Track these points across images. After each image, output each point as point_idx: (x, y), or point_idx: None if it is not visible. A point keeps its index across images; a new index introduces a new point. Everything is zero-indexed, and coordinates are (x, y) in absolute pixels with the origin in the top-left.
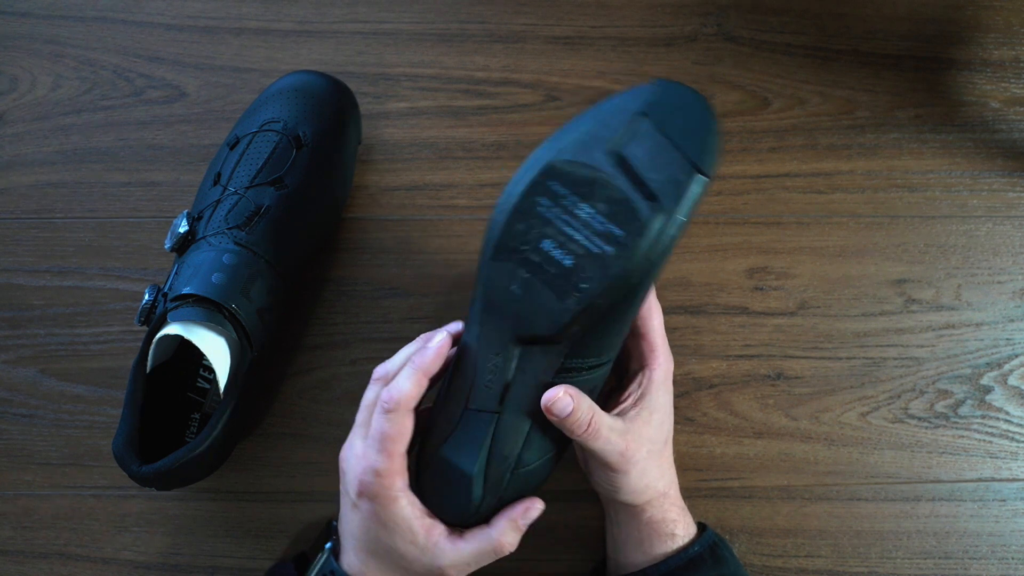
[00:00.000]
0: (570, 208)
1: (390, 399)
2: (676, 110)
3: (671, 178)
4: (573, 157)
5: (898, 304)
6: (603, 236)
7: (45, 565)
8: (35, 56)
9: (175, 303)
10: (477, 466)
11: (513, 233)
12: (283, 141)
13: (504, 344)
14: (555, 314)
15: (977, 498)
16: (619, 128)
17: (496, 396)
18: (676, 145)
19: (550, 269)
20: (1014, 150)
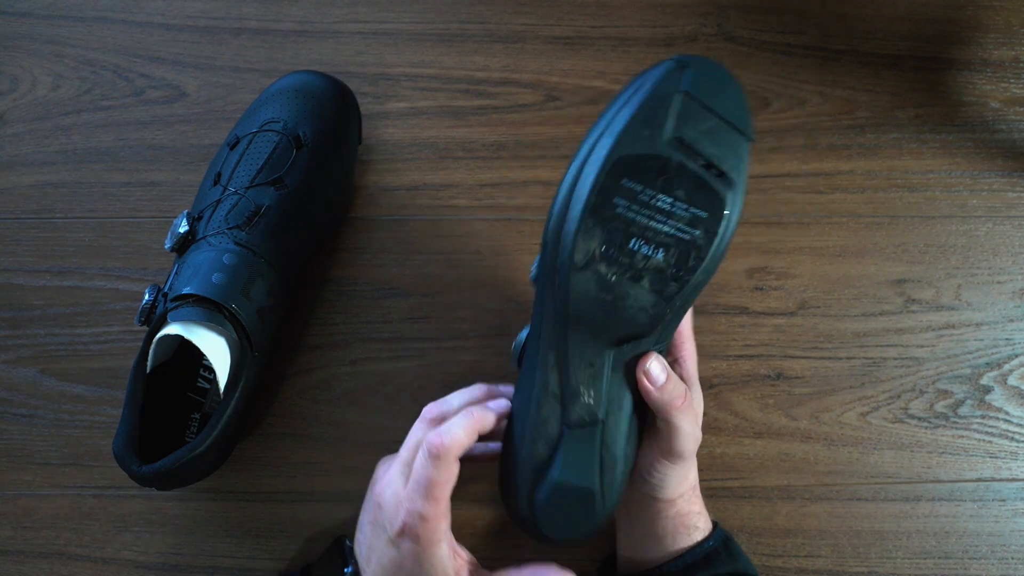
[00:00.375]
0: (650, 201)
1: (440, 445)
2: (707, 83)
3: (730, 149)
4: (636, 150)
5: (898, 304)
6: (688, 222)
7: (45, 565)
8: (35, 56)
9: (175, 303)
10: (596, 480)
11: (594, 240)
12: (283, 141)
13: (597, 353)
14: (655, 309)
15: (977, 498)
16: (668, 112)
17: (597, 406)
18: (721, 117)
19: (643, 266)
20: (1014, 150)
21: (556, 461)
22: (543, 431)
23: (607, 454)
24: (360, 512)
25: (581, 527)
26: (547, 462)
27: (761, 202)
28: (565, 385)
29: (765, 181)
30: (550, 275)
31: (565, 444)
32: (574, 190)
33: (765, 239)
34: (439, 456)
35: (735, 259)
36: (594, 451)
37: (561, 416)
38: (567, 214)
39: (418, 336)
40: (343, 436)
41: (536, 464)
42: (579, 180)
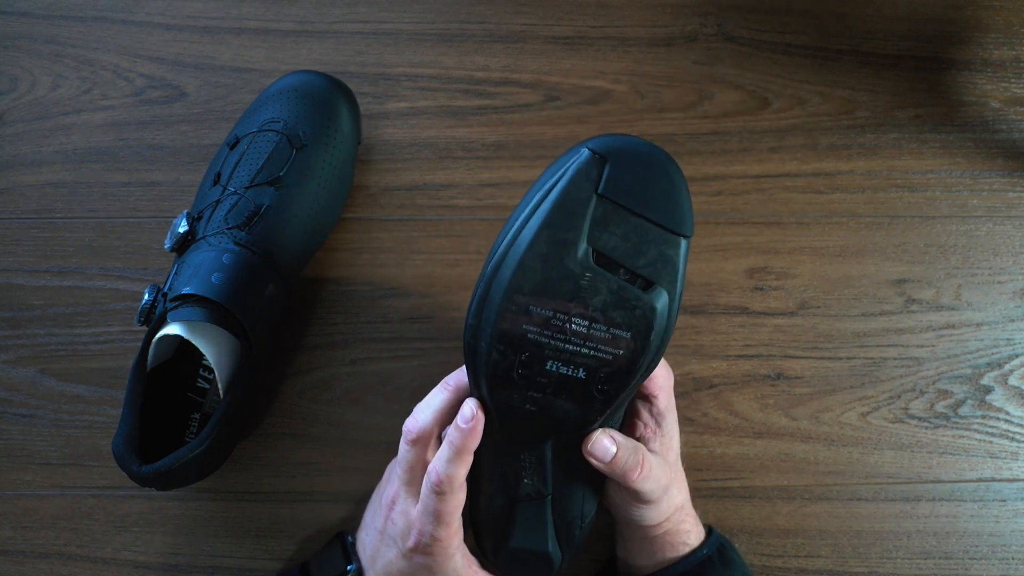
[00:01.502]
0: (563, 326)
1: (440, 482)
2: (631, 176)
3: (659, 254)
4: (544, 274)
5: (898, 304)
6: (609, 342)
7: (45, 565)
8: (35, 56)
9: (175, 303)
10: (550, 543)
11: (507, 365)
12: (283, 141)
13: (533, 448)
14: (579, 420)
15: (977, 498)
16: (581, 221)
17: (541, 482)
18: (647, 218)
19: (563, 385)
20: (1014, 150)
21: (512, 529)
22: (495, 501)
23: (560, 520)
24: (365, 511)
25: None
26: (503, 528)
27: (761, 202)
28: (507, 469)
29: (765, 181)
30: (474, 379)
31: (518, 515)
32: (482, 313)
33: (765, 239)
34: (443, 492)
35: (735, 259)
36: (546, 520)
37: (509, 491)
38: (478, 335)
39: (418, 336)
40: (343, 436)
41: (495, 527)
42: (486, 303)
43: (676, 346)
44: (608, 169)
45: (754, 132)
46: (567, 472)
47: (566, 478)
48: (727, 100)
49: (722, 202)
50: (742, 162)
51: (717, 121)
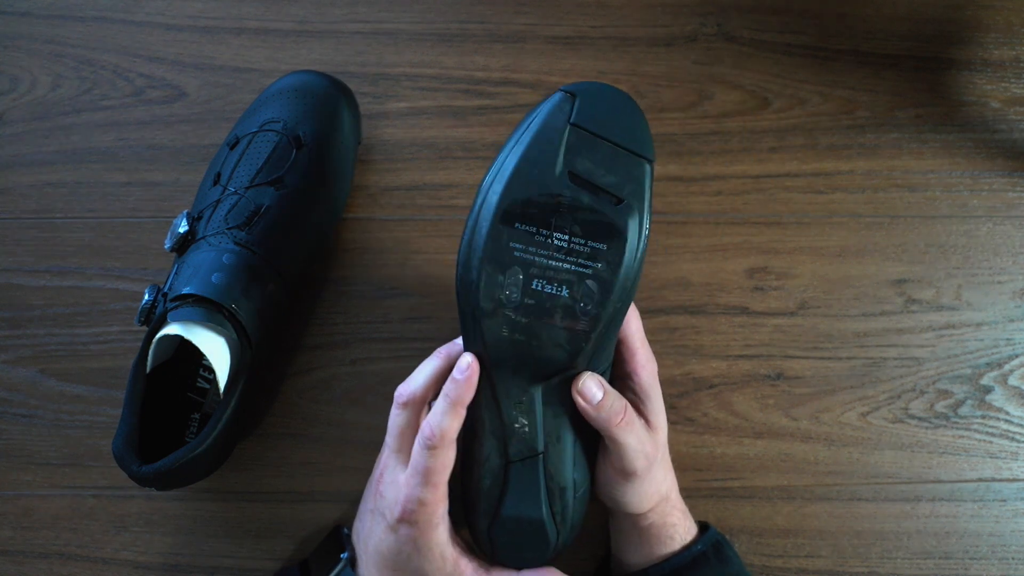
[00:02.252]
0: (545, 241)
1: (433, 436)
2: (598, 110)
3: (626, 174)
4: (526, 194)
5: (898, 304)
6: (588, 255)
7: (45, 565)
8: (35, 56)
9: (175, 303)
10: (544, 510)
11: (495, 285)
12: (283, 141)
13: (523, 389)
14: (568, 345)
15: (977, 498)
16: (558, 146)
17: (533, 438)
18: (615, 143)
19: (549, 305)
20: (1014, 150)
21: (504, 495)
22: (488, 466)
23: (553, 484)
24: (360, 502)
25: (537, 556)
26: (497, 496)
27: (761, 202)
28: (500, 423)
29: (765, 181)
30: (465, 321)
31: (511, 478)
32: (472, 240)
33: (765, 239)
34: (435, 446)
35: (735, 259)
36: (539, 482)
37: (501, 451)
38: (469, 263)
39: (418, 336)
40: (343, 436)
41: (487, 496)
42: (475, 229)
43: (676, 346)
44: (578, 103)
45: (754, 132)
46: (557, 427)
47: (559, 435)
48: (727, 100)
49: (722, 202)
50: (742, 162)
51: (717, 121)
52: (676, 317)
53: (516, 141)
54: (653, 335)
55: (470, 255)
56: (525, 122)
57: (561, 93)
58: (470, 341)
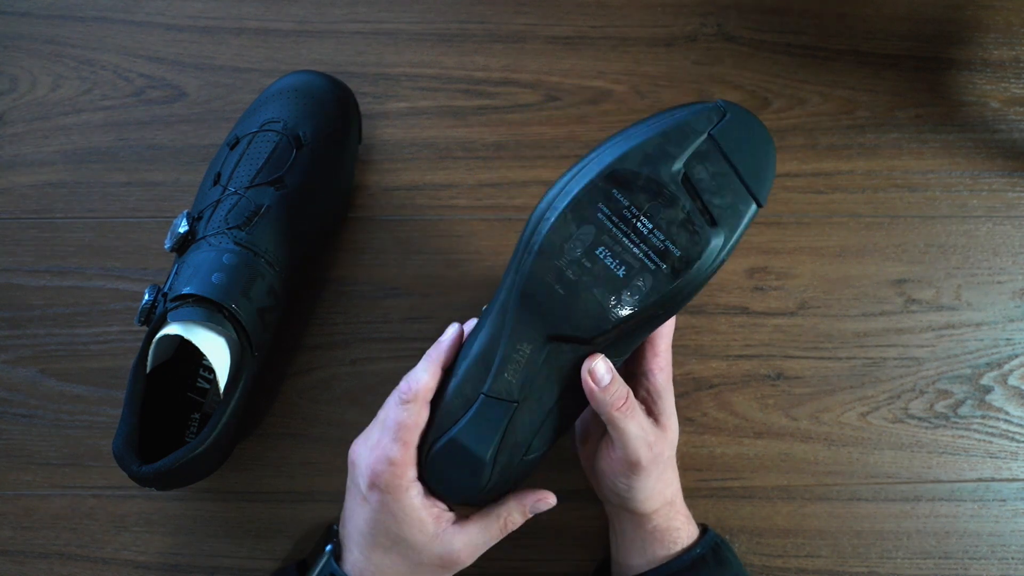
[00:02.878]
0: (631, 219)
1: (408, 389)
2: (741, 136)
3: (732, 205)
4: (639, 168)
5: (898, 304)
6: (660, 253)
7: (45, 565)
8: (35, 56)
9: (175, 303)
10: (490, 452)
11: (566, 234)
12: (283, 141)
13: (534, 338)
14: (597, 320)
15: (977, 498)
16: (687, 146)
17: (518, 386)
18: (738, 172)
19: (600, 276)
20: (1014, 150)
21: (462, 420)
22: (464, 388)
23: (510, 435)
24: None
25: (461, 491)
26: (456, 417)
27: None
28: (496, 355)
29: None
30: (520, 251)
31: (477, 408)
32: (569, 183)
33: (765, 239)
34: (408, 400)
35: (735, 259)
36: (499, 426)
37: (483, 381)
38: (553, 202)
39: (418, 336)
40: (343, 436)
41: (447, 412)
42: (576, 176)
43: (676, 346)
44: (726, 120)
45: None
46: (545, 390)
47: (540, 397)
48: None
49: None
50: None
51: None
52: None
53: (653, 121)
54: None
55: (559, 195)
56: (670, 111)
57: (715, 103)
58: (512, 270)
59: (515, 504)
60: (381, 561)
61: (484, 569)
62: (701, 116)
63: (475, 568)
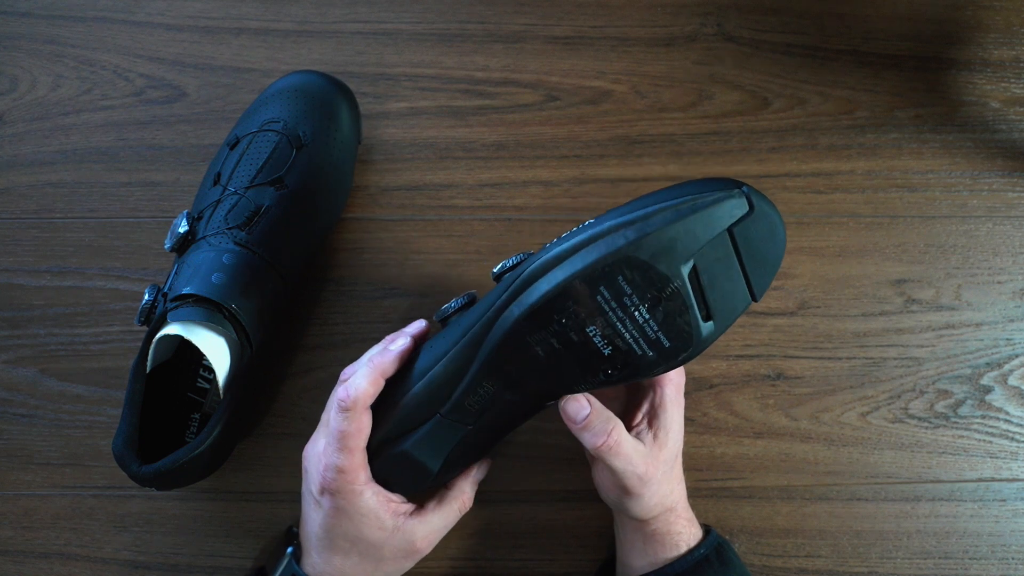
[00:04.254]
0: (629, 308)
1: (347, 398)
2: (757, 234)
3: (729, 300)
4: (650, 260)
5: (898, 304)
6: (650, 342)
7: (45, 565)
8: (35, 56)
9: (175, 303)
10: (439, 464)
11: (560, 307)
12: (283, 141)
13: (502, 380)
14: (571, 384)
15: (977, 498)
16: (704, 242)
17: (475, 415)
18: (745, 272)
19: (584, 351)
20: (1014, 150)
21: (416, 433)
22: (421, 405)
23: (459, 449)
24: None
25: (403, 490)
26: (408, 428)
27: None
28: (459, 385)
29: (765, 181)
30: (506, 296)
31: (432, 427)
32: (573, 255)
33: None
34: (347, 408)
35: None
36: (450, 443)
37: (441, 403)
38: (553, 269)
39: None
40: None
41: (401, 422)
42: (585, 248)
43: None
44: (748, 219)
45: (754, 132)
46: (501, 417)
47: (494, 424)
48: (727, 100)
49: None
50: (742, 162)
51: (717, 121)
52: None
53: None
54: None
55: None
56: (693, 190)
57: (740, 192)
58: (491, 309)
59: (464, 482)
60: (342, 564)
61: (484, 569)
62: (725, 207)
63: (475, 568)
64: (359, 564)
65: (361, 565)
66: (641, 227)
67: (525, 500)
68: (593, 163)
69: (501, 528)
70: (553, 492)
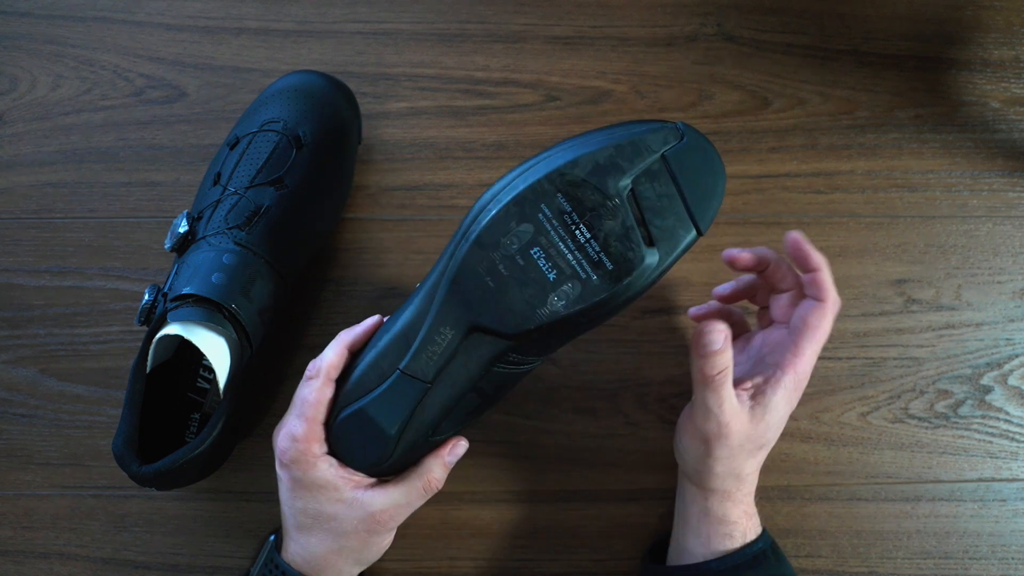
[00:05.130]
0: (569, 226)
1: (313, 367)
2: (694, 162)
3: (672, 228)
4: (587, 176)
5: (898, 304)
6: (592, 263)
7: (45, 565)
8: (35, 56)
9: (175, 303)
10: (397, 427)
11: (504, 229)
12: (283, 141)
13: (457, 324)
14: (520, 318)
15: (977, 498)
16: (638, 163)
17: (434, 368)
18: (684, 198)
19: (530, 276)
20: (1014, 150)
21: (373, 392)
22: (381, 362)
23: (419, 415)
24: None
25: (363, 461)
26: (368, 388)
27: (761, 202)
28: (418, 334)
29: (765, 181)
30: (458, 238)
31: (391, 383)
32: (516, 179)
33: (765, 239)
34: (311, 376)
35: None
36: (409, 404)
37: (401, 357)
38: (498, 195)
39: None
40: None
41: (360, 382)
42: (524, 173)
43: (676, 346)
44: (681, 144)
45: (754, 132)
46: (460, 376)
47: (454, 382)
48: (727, 100)
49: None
50: (742, 162)
51: (717, 121)
52: (676, 317)
53: (610, 132)
54: (654, 335)
55: (504, 189)
56: (629, 124)
57: (674, 126)
58: (447, 255)
59: (433, 460)
60: (308, 541)
61: (484, 569)
62: (658, 135)
63: (475, 568)
64: (324, 540)
65: (326, 542)
66: (577, 148)
67: (525, 500)
68: None
69: (501, 528)
70: (553, 492)
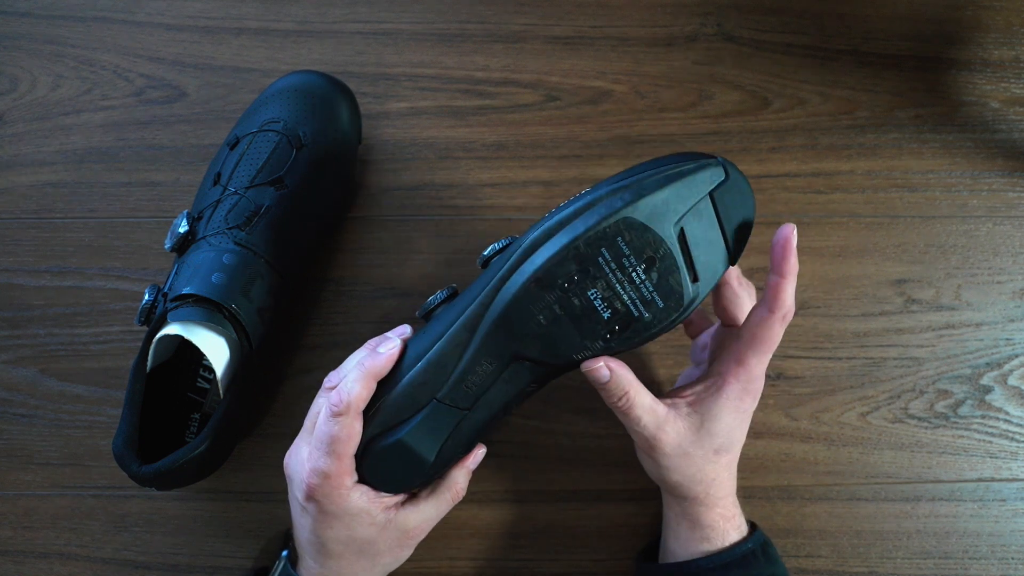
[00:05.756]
0: (627, 269)
1: (340, 402)
2: (733, 200)
3: (712, 263)
4: (646, 221)
5: (898, 304)
6: (645, 302)
7: (45, 565)
8: (35, 56)
9: (175, 303)
10: (435, 454)
11: (564, 271)
12: (283, 141)
13: (501, 356)
14: (571, 352)
15: (977, 498)
16: (690, 204)
17: (472, 397)
18: (724, 233)
19: (585, 315)
20: (1014, 150)
21: (412, 421)
22: (416, 392)
23: (455, 437)
24: None
25: (399, 486)
26: (404, 417)
27: (761, 202)
28: (457, 367)
29: (765, 181)
30: (507, 272)
31: (428, 412)
32: (575, 218)
33: (765, 239)
34: (340, 412)
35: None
36: (446, 430)
37: (438, 388)
38: (556, 234)
39: None
40: None
41: (395, 410)
42: (585, 213)
43: (676, 346)
44: (727, 184)
45: (754, 132)
46: (496, 399)
47: (491, 405)
48: (727, 100)
49: None
50: (742, 162)
51: (717, 121)
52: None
53: (657, 170)
54: None
55: (563, 229)
56: (674, 160)
57: (717, 160)
58: (489, 287)
59: (458, 471)
60: (337, 566)
61: (484, 569)
62: (705, 173)
63: (475, 568)
64: (355, 562)
65: (358, 563)
66: (637, 191)
67: (525, 500)
68: (593, 163)
69: (501, 528)
70: (553, 492)
